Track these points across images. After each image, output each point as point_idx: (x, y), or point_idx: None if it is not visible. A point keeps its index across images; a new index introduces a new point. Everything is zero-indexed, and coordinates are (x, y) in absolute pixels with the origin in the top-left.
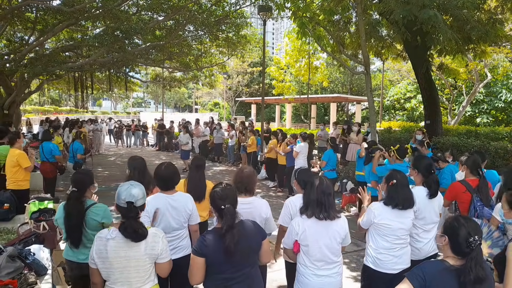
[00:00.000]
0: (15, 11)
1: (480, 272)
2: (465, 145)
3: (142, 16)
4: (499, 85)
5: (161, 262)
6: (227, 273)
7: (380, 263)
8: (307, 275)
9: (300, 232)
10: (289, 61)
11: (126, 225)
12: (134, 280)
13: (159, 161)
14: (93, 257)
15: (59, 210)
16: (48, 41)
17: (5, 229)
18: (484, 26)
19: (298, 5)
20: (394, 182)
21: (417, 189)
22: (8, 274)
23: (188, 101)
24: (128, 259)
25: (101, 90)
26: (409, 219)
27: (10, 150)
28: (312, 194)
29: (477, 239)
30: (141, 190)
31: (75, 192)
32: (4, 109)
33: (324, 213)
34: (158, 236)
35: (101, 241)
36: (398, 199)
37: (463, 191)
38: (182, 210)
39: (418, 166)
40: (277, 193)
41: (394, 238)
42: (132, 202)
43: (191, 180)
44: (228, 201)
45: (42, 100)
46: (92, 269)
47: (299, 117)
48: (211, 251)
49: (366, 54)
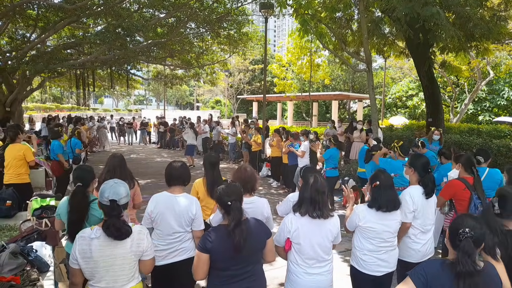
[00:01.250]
0: (16, 8)
1: (468, 264)
2: (467, 143)
3: (144, 13)
4: (502, 82)
5: (145, 259)
6: (231, 270)
7: (364, 264)
8: (298, 274)
9: (293, 230)
10: (291, 59)
11: (109, 224)
12: (120, 278)
13: (160, 158)
14: (75, 257)
15: (62, 204)
16: (50, 39)
17: (8, 226)
18: (487, 24)
19: (300, 2)
20: (378, 183)
21: (414, 189)
22: (10, 271)
23: (190, 99)
24: (114, 257)
25: (102, 87)
26: (394, 221)
27: (13, 144)
28: (306, 192)
29: (468, 231)
30: (125, 188)
31: (81, 187)
32: (6, 106)
33: (317, 211)
34: (143, 233)
35: (84, 241)
36: (381, 201)
37: (463, 189)
38: (185, 212)
39: (415, 164)
40: (279, 191)
41: (379, 241)
42: (115, 200)
43: (208, 177)
44: (234, 197)
45: (44, 97)
46: (73, 269)
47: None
48: (216, 247)
49: (368, 51)
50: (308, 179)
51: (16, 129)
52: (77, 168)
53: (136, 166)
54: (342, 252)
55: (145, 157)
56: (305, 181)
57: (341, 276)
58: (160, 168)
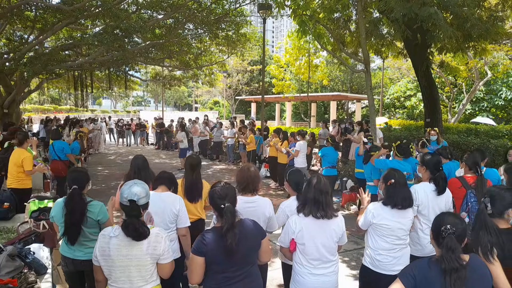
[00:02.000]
0: (14, 9)
1: (452, 260)
2: (465, 143)
3: (142, 14)
4: (499, 83)
5: (162, 262)
6: (227, 272)
7: (379, 264)
8: (303, 274)
9: (297, 231)
10: (289, 60)
11: (128, 224)
12: (135, 279)
13: (159, 159)
14: (96, 254)
15: (56, 206)
16: (48, 40)
17: (5, 228)
18: (484, 24)
19: (298, 3)
20: (393, 181)
21: (423, 185)
22: (8, 273)
23: (188, 100)
24: (130, 258)
25: (101, 89)
26: (408, 219)
27: (17, 149)
28: (310, 193)
29: (449, 228)
30: (144, 188)
31: (77, 189)
32: (4, 108)
33: (321, 211)
34: (160, 236)
35: (104, 239)
36: (397, 199)
37: (458, 187)
38: (168, 209)
39: (427, 163)
40: (277, 192)
41: (393, 239)
42: (134, 201)
43: (186, 180)
44: (227, 199)
45: (42, 99)
46: (95, 266)
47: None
48: (210, 250)
49: (366, 52)
50: (311, 179)
51: (26, 133)
52: (72, 170)
53: None
54: (341, 253)
55: None
56: (308, 182)
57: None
58: (158, 170)
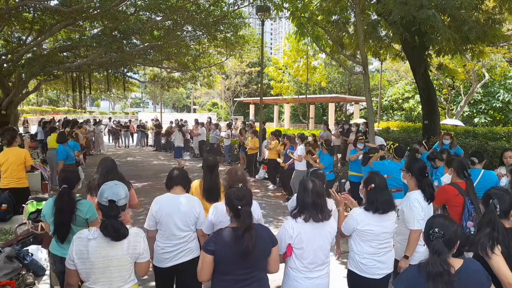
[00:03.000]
0: (12, 11)
1: (436, 264)
2: (463, 145)
3: (140, 16)
4: (497, 85)
5: (141, 261)
6: (235, 275)
7: (365, 268)
8: (299, 279)
9: (295, 235)
10: (287, 61)
11: (107, 224)
12: (116, 280)
13: (157, 161)
14: (72, 258)
15: (47, 205)
16: (46, 41)
17: (3, 229)
18: (482, 27)
19: (296, 5)
20: (373, 186)
21: (415, 194)
22: (6, 275)
23: (187, 101)
24: (110, 259)
25: (99, 90)
26: (391, 222)
27: (13, 149)
28: (308, 197)
29: (437, 231)
30: (124, 190)
31: (66, 189)
32: (2, 109)
33: (321, 214)
34: (139, 236)
35: (81, 241)
36: (377, 203)
37: (456, 194)
38: (189, 212)
39: (411, 169)
40: (276, 194)
41: (378, 243)
42: (114, 201)
43: (205, 181)
44: (244, 201)
45: (40, 100)
46: (69, 270)
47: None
48: (219, 249)
49: (364, 54)
50: (306, 183)
51: (13, 132)
52: (62, 171)
53: (132, 169)
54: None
55: (142, 160)
56: (304, 186)
57: (338, 279)
58: (156, 171)
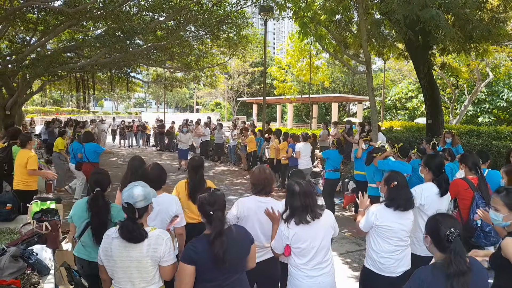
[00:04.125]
0: (17, 12)
1: (461, 264)
2: (467, 145)
3: (144, 16)
4: (501, 84)
5: (164, 265)
6: (217, 281)
7: (383, 267)
8: (300, 277)
9: (291, 236)
10: (290, 61)
11: (122, 225)
12: (137, 280)
13: (160, 161)
14: (100, 254)
15: (77, 207)
16: (50, 42)
17: (8, 229)
18: (486, 25)
19: (299, 5)
20: (395, 183)
21: (427, 185)
22: (11, 274)
23: (190, 101)
24: (130, 259)
25: (102, 90)
26: (409, 220)
27: (21, 150)
28: (296, 201)
29: (453, 231)
30: (143, 191)
31: (100, 191)
32: (6, 110)
33: (311, 214)
34: (161, 238)
35: (107, 239)
36: (400, 201)
37: (466, 188)
38: (164, 212)
39: (429, 165)
40: (279, 193)
41: (396, 240)
42: (130, 204)
43: (190, 181)
44: (216, 206)
45: (44, 100)
46: (100, 266)
47: (301, 117)
48: (201, 258)
49: (367, 53)
50: (293, 187)
51: (28, 135)
52: (94, 172)
53: None
54: (342, 254)
55: (145, 160)
56: (291, 191)
57: (342, 278)
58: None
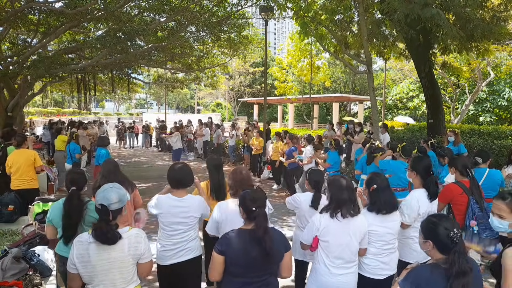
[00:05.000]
0: (18, 13)
1: (463, 264)
2: (468, 144)
3: (144, 17)
4: (502, 83)
5: (143, 262)
6: (246, 277)
7: (367, 268)
8: (324, 274)
9: (322, 228)
10: (291, 61)
11: (96, 227)
12: (118, 281)
13: (162, 162)
14: (73, 262)
15: (55, 209)
16: (51, 43)
17: (10, 230)
18: (487, 24)
19: (300, 5)
20: (375, 187)
21: (419, 192)
22: (13, 275)
23: (191, 102)
24: (112, 261)
25: (103, 91)
26: (395, 223)
27: (20, 150)
28: (343, 194)
29: (456, 232)
30: (117, 194)
31: (76, 191)
32: (8, 111)
33: (355, 209)
34: (140, 236)
35: (81, 245)
36: (380, 204)
37: (460, 193)
38: (190, 213)
39: (416, 168)
40: (280, 194)
41: (382, 244)
42: (105, 205)
43: (212, 181)
44: (259, 203)
45: (45, 102)
46: (72, 274)
47: (302, 117)
48: (232, 250)
49: (368, 53)
50: (340, 181)
51: (24, 135)
52: (69, 172)
53: (137, 170)
54: None
55: (146, 161)
56: (338, 184)
57: None
58: (161, 172)
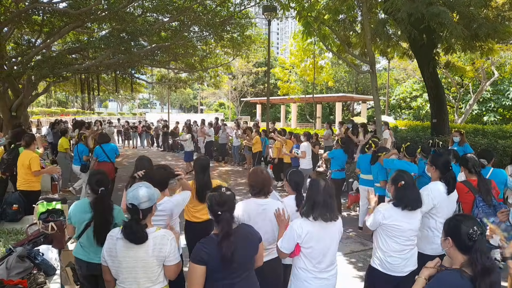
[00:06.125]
0: (22, 14)
1: (487, 262)
2: (472, 144)
3: (148, 17)
4: (506, 83)
5: (168, 264)
6: (227, 279)
7: (390, 266)
8: (308, 279)
9: (304, 234)
10: (294, 61)
11: (126, 226)
12: (142, 280)
13: (165, 161)
14: (104, 255)
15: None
16: (55, 44)
17: (14, 229)
18: (492, 24)
19: (303, 4)
20: (403, 183)
21: (435, 184)
22: (17, 274)
23: (194, 102)
24: (135, 259)
25: (107, 91)
26: (416, 220)
27: (24, 151)
28: (319, 196)
29: (477, 229)
30: (147, 192)
31: (105, 191)
32: (12, 111)
33: (330, 214)
34: (166, 238)
35: (111, 240)
36: (407, 200)
37: (466, 192)
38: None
39: (436, 163)
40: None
41: (403, 240)
42: (135, 205)
43: (197, 181)
44: (226, 207)
45: (49, 102)
46: (103, 266)
47: (305, 117)
48: (212, 258)
49: (371, 53)
50: (318, 183)
51: (32, 134)
52: (95, 173)
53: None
54: (347, 254)
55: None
56: (316, 186)
57: (347, 278)
58: None
